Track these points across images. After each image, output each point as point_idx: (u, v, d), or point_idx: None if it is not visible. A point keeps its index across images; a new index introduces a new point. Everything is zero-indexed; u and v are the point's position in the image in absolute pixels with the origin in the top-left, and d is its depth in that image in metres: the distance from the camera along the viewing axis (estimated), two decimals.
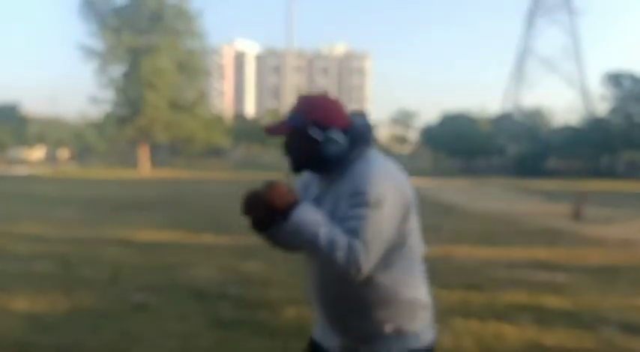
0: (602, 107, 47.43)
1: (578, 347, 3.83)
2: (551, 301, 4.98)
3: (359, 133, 1.57)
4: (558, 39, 47.14)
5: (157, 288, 5.20)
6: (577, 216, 11.81)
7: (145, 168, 39.14)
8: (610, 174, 40.76)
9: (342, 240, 1.43)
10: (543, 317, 4.48)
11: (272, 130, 1.60)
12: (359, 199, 1.46)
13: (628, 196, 21.36)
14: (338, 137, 1.53)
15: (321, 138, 1.53)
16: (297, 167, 1.62)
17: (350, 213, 1.46)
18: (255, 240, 1.81)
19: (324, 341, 1.72)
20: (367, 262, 1.44)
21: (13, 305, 4.57)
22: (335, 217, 1.50)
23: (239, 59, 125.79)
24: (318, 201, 1.61)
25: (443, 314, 4.44)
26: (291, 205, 1.45)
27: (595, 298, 5.13)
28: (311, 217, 1.45)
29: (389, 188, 1.49)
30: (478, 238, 8.83)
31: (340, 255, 1.42)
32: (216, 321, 4.23)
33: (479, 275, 6.03)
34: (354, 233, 1.43)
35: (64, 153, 60.86)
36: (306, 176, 1.74)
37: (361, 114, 1.63)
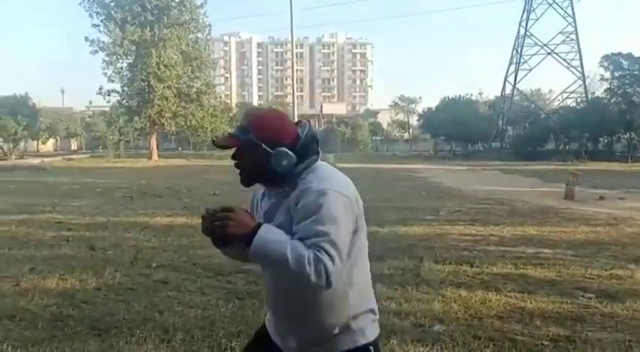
0: (602, 89, 47.62)
1: (556, 310, 4.27)
2: (536, 272, 5.43)
3: (306, 146, 1.62)
4: (557, 22, 46.83)
5: (176, 267, 5.71)
6: (569, 196, 12.26)
7: (154, 157, 39.73)
8: (608, 155, 41.05)
9: (308, 255, 1.47)
10: (527, 286, 4.94)
11: (220, 142, 1.67)
12: (318, 216, 1.51)
13: (623, 176, 21.79)
14: (286, 154, 1.58)
15: (270, 155, 1.59)
16: (248, 181, 1.67)
17: (311, 229, 1.51)
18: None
19: (275, 339, 1.80)
20: (335, 273, 1.49)
21: (46, 285, 4.99)
22: (290, 231, 1.55)
23: (242, 48, 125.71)
24: (268, 215, 1.67)
25: (435, 285, 4.94)
26: (252, 230, 1.52)
27: (577, 269, 5.56)
28: (274, 238, 1.51)
29: (342, 201, 1.55)
30: (472, 218, 9.30)
31: (310, 269, 1.46)
32: (232, 293, 4.70)
33: (470, 251, 6.50)
34: (318, 247, 1.48)
35: (74, 144, 61.36)
36: (258, 189, 1.79)
37: (304, 125, 1.67)
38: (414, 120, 70.01)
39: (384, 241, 6.94)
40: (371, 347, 1.70)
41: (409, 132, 71.64)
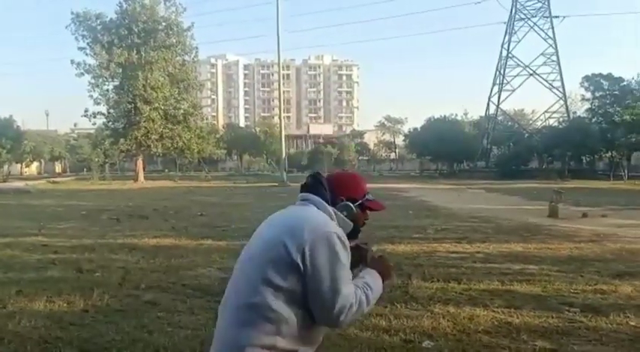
0: (583, 108, 48.61)
1: (542, 325, 4.34)
2: (522, 288, 5.51)
3: None
4: (538, 44, 47.97)
5: (165, 287, 5.67)
6: (553, 213, 12.43)
7: (140, 179, 39.51)
8: (591, 173, 41.69)
9: None
10: (513, 301, 5.00)
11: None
12: None
13: (605, 194, 22.15)
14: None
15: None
16: None
17: None
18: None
19: None
20: None
21: (33, 307, 4.94)
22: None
23: (229, 70, 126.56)
24: None
25: (424, 302, 4.99)
26: None
27: (562, 285, 5.64)
28: None
29: None
30: (459, 236, 9.38)
31: None
32: None
33: (458, 268, 6.56)
34: None
35: (58, 167, 60.89)
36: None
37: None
38: (400, 140, 70.70)
39: None
40: None
41: (395, 152, 72.26)
